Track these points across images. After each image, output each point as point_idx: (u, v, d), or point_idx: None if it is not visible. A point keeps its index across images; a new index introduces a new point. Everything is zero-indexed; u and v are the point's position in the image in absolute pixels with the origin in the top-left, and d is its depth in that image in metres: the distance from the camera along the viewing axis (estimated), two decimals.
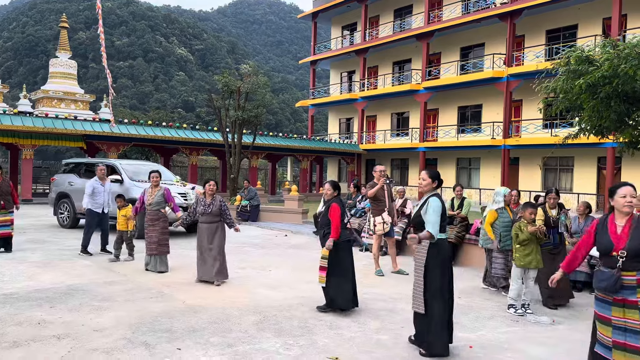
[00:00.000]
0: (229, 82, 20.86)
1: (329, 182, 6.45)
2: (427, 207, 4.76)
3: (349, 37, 34.94)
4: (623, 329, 3.52)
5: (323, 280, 6.11)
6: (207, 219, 7.50)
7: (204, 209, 7.50)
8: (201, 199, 7.57)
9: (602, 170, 22.82)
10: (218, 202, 7.58)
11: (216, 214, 7.54)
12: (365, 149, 30.97)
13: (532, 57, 24.17)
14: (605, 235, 3.64)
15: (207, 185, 7.60)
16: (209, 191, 7.57)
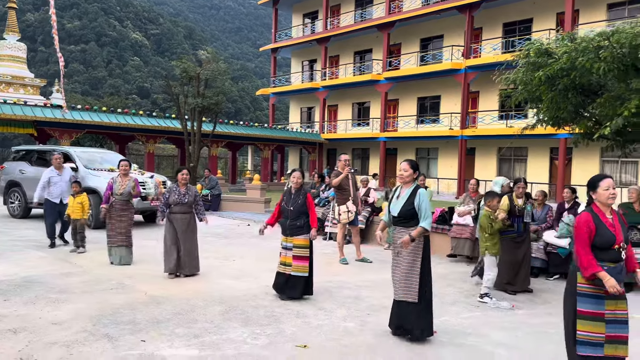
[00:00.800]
0: (187, 68, 20.39)
1: (298, 170, 6.40)
2: (419, 201, 4.79)
3: (311, 26, 34.77)
4: (614, 321, 3.50)
5: (306, 270, 6.08)
6: (180, 209, 7.17)
7: (179, 199, 7.14)
8: (174, 188, 7.25)
9: (554, 160, 23.66)
10: (193, 192, 7.32)
11: (190, 205, 7.26)
12: (326, 139, 31.01)
13: (490, 49, 24.72)
14: (606, 229, 3.50)
15: (180, 174, 7.27)
16: (182, 180, 7.24)
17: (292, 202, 6.20)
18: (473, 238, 8.83)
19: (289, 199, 6.24)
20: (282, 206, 6.25)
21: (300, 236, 6.12)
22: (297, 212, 6.14)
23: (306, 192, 6.31)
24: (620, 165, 21.76)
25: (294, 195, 6.27)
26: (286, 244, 6.17)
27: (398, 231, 4.91)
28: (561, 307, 6.14)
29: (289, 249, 6.13)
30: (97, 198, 11.54)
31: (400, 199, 4.91)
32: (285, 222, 6.18)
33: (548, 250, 7.85)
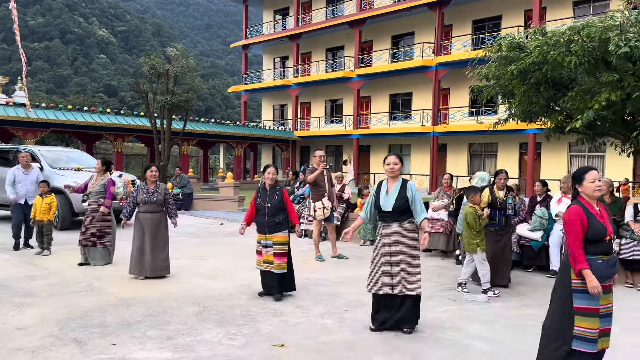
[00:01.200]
0: (156, 64, 19.96)
1: (272, 166, 6.28)
2: (412, 193, 4.83)
3: (282, 22, 34.55)
4: (605, 315, 3.45)
5: (285, 267, 5.99)
6: (149, 209, 6.88)
7: (147, 198, 6.86)
8: (143, 186, 6.98)
9: (524, 155, 24.09)
10: (162, 190, 7.05)
11: (160, 203, 6.98)
12: (300, 136, 30.87)
13: (460, 46, 24.99)
14: (597, 222, 3.42)
15: (149, 171, 6.99)
16: (151, 178, 6.96)
17: (269, 199, 6.05)
18: (447, 232, 8.87)
19: (265, 196, 6.09)
20: (258, 203, 6.07)
21: (279, 233, 6.01)
22: (275, 209, 6.01)
23: (282, 188, 6.22)
24: (587, 159, 22.29)
25: (269, 192, 6.12)
26: (266, 241, 6.02)
27: (391, 226, 4.84)
28: (537, 299, 6.27)
29: (269, 247, 5.99)
30: (63, 198, 11.19)
31: (390, 194, 4.85)
32: (263, 219, 6.01)
33: (521, 243, 7.92)
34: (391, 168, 4.91)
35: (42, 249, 8.57)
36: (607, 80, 6.14)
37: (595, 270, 3.41)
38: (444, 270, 7.90)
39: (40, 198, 8.60)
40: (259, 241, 6.10)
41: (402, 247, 4.83)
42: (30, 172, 9.17)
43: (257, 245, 6.12)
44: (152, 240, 6.89)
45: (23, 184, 8.97)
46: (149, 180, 6.99)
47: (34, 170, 9.31)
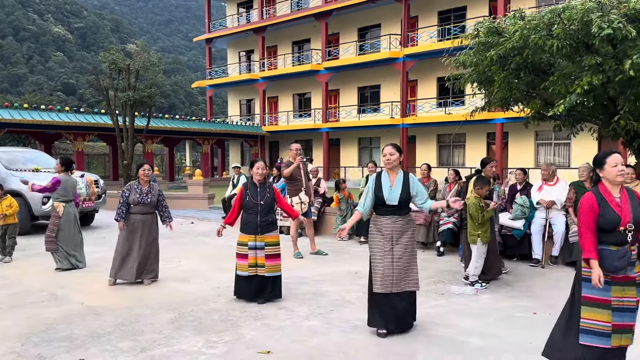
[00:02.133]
0: (116, 59, 19.18)
1: (261, 160, 5.89)
2: (415, 185, 4.71)
3: (246, 15, 33.90)
4: (621, 309, 3.22)
5: (279, 269, 5.64)
6: (141, 210, 6.40)
7: (140, 199, 6.37)
8: (135, 186, 6.46)
9: (491, 145, 24.30)
10: (156, 191, 6.56)
11: (153, 205, 6.50)
12: (268, 131, 30.39)
13: (427, 37, 24.96)
14: (610, 210, 3.21)
15: (142, 170, 6.46)
16: (144, 177, 6.45)
17: (261, 196, 5.62)
18: (427, 224, 8.70)
19: (256, 193, 5.64)
20: (248, 201, 5.61)
21: (272, 233, 5.64)
22: (268, 207, 5.64)
23: (272, 185, 5.85)
24: (554, 147, 22.64)
25: (259, 188, 5.69)
26: (256, 243, 5.56)
27: (394, 220, 4.59)
28: (524, 290, 6.14)
29: (259, 249, 5.56)
30: (21, 201, 10.51)
31: (395, 187, 4.60)
32: (255, 218, 5.57)
33: (503, 232, 7.80)
34: (387, 159, 4.66)
35: (3, 254, 7.99)
36: (589, 63, 6.03)
37: (605, 260, 3.21)
38: (426, 263, 7.70)
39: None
40: (243, 243, 5.61)
41: (404, 241, 4.61)
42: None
43: (240, 247, 5.63)
44: (144, 243, 6.44)
45: None
46: (142, 180, 6.47)
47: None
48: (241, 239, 5.65)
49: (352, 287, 6.32)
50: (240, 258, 5.63)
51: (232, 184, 12.69)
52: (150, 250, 6.53)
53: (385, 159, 4.69)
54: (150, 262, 6.55)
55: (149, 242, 6.50)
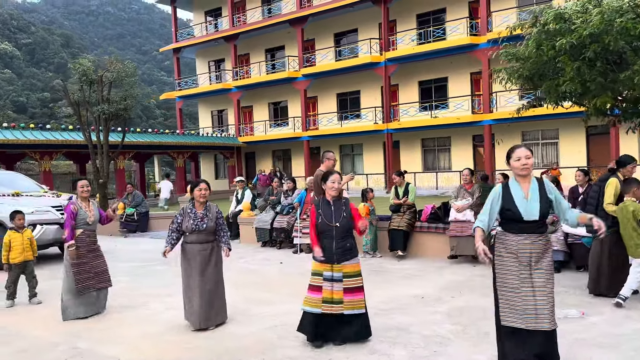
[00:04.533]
0: (87, 70, 17.70)
1: (337, 173, 4.81)
2: (553, 192, 3.86)
3: (214, 23, 32.66)
4: None
5: (363, 305, 4.61)
6: (199, 239, 5.27)
7: (195, 225, 5.23)
8: (189, 209, 5.32)
9: (478, 147, 23.95)
10: (214, 213, 5.40)
11: (212, 231, 5.35)
12: (245, 142, 29.16)
13: (408, 40, 24.45)
14: None
15: (197, 189, 5.29)
16: (200, 198, 5.29)
17: (336, 217, 4.59)
18: None
19: (329, 213, 4.61)
20: (321, 224, 4.58)
21: (351, 261, 4.59)
22: (345, 230, 4.59)
23: (348, 201, 4.77)
24: (541, 147, 22.45)
25: (334, 206, 4.65)
26: (332, 273, 4.54)
27: (534, 240, 3.69)
28: (634, 308, 5.36)
29: (337, 281, 4.53)
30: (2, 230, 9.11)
31: (531, 198, 3.71)
32: (330, 244, 4.56)
33: (570, 241, 7.06)
34: (523, 164, 3.78)
35: (32, 295, 6.77)
36: None
37: None
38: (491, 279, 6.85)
39: (17, 233, 6.67)
40: (318, 273, 4.59)
41: (544, 266, 3.70)
42: None
43: (314, 278, 4.61)
44: (205, 279, 5.27)
45: None
46: (197, 202, 5.32)
47: None
48: (316, 268, 4.61)
49: (432, 317, 5.40)
50: (313, 290, 4.59)
51: (236, 199, 11.59)
52: (217, 288, 5.38)
53: (520, 164, 3.82)
54: (218, 303, 5.39)
55: (211, 276, 5.34)
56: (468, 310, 5.54)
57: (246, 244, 11.00)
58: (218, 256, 5.43)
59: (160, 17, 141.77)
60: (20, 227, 6.69)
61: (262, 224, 10.44)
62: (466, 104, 23.36)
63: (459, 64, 23.48)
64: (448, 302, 5.91)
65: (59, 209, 9.76)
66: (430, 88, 25.12)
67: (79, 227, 5.85)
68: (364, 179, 25.75)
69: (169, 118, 77.03)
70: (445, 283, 6.89)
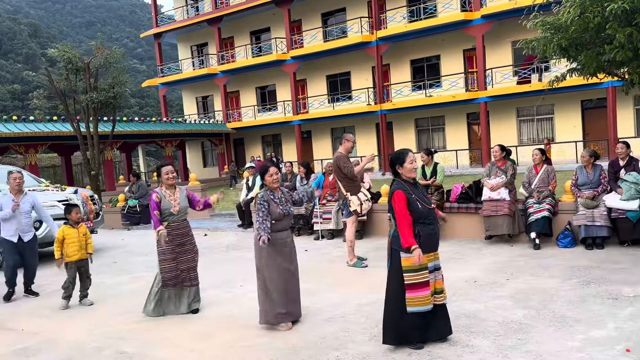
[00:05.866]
0: (72, 57, 16.92)
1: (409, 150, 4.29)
2: None
3: (196, 7, 31.69)
4: None
5: None
6: (284, 225, 4.87)
7: (283, 210, 4.79)
8: (271, 194, 4.83)
9: (472, 125, 23.83)
10: (288, 194, 5.04)
11: (292, 216, 5.09)
12: (234, 128, 28.53)
13: (400, 18, 24.02)
14: None
15: (268, 175, 4.82)
16: (273, 183, 4.83)
17: (426, 197, 4.18)
18: (511, 214, 7.61)
19: (421, 195, 4.12)
20: (422, 209, 4.01)
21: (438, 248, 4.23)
22: (434, 214, 4.21)
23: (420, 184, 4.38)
24: (536, 122, 22.41)
25: (420, 188, 4.23)
26: (435, 262, 4.10)
27: None
28: None
29: (437, 270, 4.12)
30: None
31: None
32: (434, 230, 4.07)
33: (613, 216, 6.86)
34: None
35: (84, 295, 6.24)
36: None
37: None
38: (541, 259, 6.65)
39: (73, 229, 6.12)
40: (423, 267, 4.00)
41: None
42: (22, 201, 6.70)
43: (419, 274, 3.97)
44: (290, 269, 4.88)
45: (14, 214, 6.58)
46: (270, 186, 4.87)
47: (27, 196, 6.81)
48: (420, 260, 3.94)
49: (498, 302, 5.13)
50: (420, 289, 3.98)
51: (247, 186, 11.14)
52: (298, 279, 5.01)
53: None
54: (299, 295, 5.02)
55: (296, 265, 5.00)
56: (532, 292, 5.29)
57: None
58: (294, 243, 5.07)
59: (130, 3, 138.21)
60: (77, 222, 6.16)
61: None
62: (461, 81, 23.15)
63: (452, 41, 23.21)
64: (505, 285, 5.66)
65: (65, 203, 9.20)
66: (423, 67, 24.84)
67: (163, 219, 5.33)
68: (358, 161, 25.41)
69: (144, 107, 75.43)
70: (488, 265, 6.64)
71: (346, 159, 7.25)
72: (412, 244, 3.89)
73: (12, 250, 6.58)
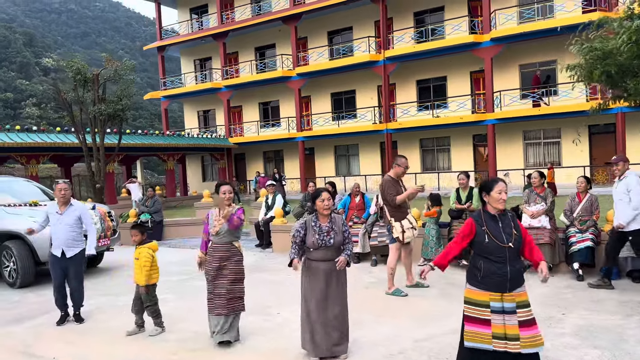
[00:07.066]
0: (82, 68, 16.64)
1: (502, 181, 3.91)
2: None
3: (200, 21, 31.61)
4: None
5: (542, 341, 3.73)
6: (325, 255, 4.58)
7: (321, 240, 4.55)
8: (313, 222, 4.62)
9: (478, 147, 23.77)
10: (340, 225, 4.68)
11: (338, 246, 4.64)
12: (236, 143, 28.27)
13: (408, 38, 24.07)
14: None
15: (319, 200, 4.60)
16: (324, 210, 4.60)
17: (507, 235, 3.81)
18: (552, 242, 7.40)
19: (497, 229, 3.80)
20: (489, 243, 3.75)
21: (523, 287, 3.83)
22: (517, 250, 3.83)
23: (515, 216, 3.98)
24: (543, 147, 22.40)
25: (501, 221, 3.85)
26: (503, 304, 3.74)
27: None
28: None
29: (509, 313, 3.74)
30: (21, 244, 8.20)
31: None
32: (502, 269, 3.74)
33: None
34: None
35: (158, 325, 5.72)
36: None
37: None
38: (586, 293, 6.42)
39: (139, 249, 5.71)
40: (482, 303, 3.80)
41: None
42: (66, 212, 6.25)
43: (476, 309, 3.82)
44: (332, 301, 4.57)
45: (57, 228, 6.13)
46: (321, 213, 4.63)
47: (71, 208, 6.30)
48: (477, 297, 3.82)
49: (564, 340, 4.88)
50: (477, 324, 3.77)
51: (266, 205, 10.84)
52: (343, 312, 4.68)
53: None
54: (343, 330, 4.69)
55: (338, 297, 4.65)
56: (595, 330, 5.05)
57: (280, 253, 10.30)
58: (344, 274, 4.73)
59: (126, 15, 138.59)
60: (140, 242, 5.78)
61: None
62: (468, 103, 23.15)
63: (458, 63, 23.26)
64: (563, 321, 5.42)
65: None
66: (429, 87, 24.84)
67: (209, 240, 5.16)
68: (362, 180, 25.26)
69: (137, 119, 75.02)
70: (537, 297, 6.37)
71: (392, 185, 7.02)
72: (435, 262, 3.96)
73: (55, 266, 6.12)
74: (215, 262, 5.13)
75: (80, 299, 6.28)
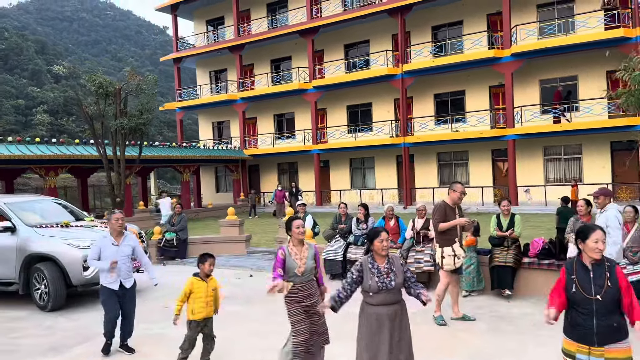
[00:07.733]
0: (104, 82, 16.62)
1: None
2: None
3: (217, 33, 31.69)
4: None
5: None
6: (385, 299, 4.13)
7: (382, 283, 4.09)
8: (369, 264, 4.16)
9: (497, 162, 23.54)
10: (398, 265, 4.22)
11: (399, 288, 4.21)
12: (251, 155, 28.20)
13: (427, 53, 23.96)
14: None
15: (377, 240, 4.18)
16: (381, 250, 4.16)
17: (597, 286, 3.54)
18: None
19: (587, 280, 3.56)
20: (576, 293, 3.56)
21: (619, 344, 3.56)
22: (611, 304, 3.52)
23: (614, 266, 3.65)
24: (564, 162, 22.14)
25: (594, 272, 3.57)
26: (590, 357, 3.56)
27: None
28: None
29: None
30: (52, 266, 8.05)
31: None
32: (588, 322, 3.55)
33: None
34: None
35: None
36: None
37: None
38: None
39: (202, 282, 5.30)
40: (570, 354, 3.64)
41: None
42: (123, 243, 6.08)
43: (565, 359, 3.68)
44: (390, 352, 4.12)
45: (114, 259, 5.92)
46: (376, 254, 4.20)
47: (127, 239, 6.14)
48: (566, 346, 3.69)
49: None
50: None
51: None
52: (406, 355, 4.27)
53: None
54: None
55: (402, 342, 4.21)
56: None
57: None
58: (407, 317, 4.33)
59: (136, 23, 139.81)
60: (209, 274, 5.35)
61: (334, 255, 9.58)
62: (488, 118, 22.97)
63: (477, 77, 23.12)
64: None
65: None
66: (446, 101, 24.70)
67: (289, 279, 4.76)
68: (378, 194, 25.08)
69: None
70: None
71: (441, 211, 6.81)
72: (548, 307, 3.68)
73: (112, 299, 5.92)
74: (306, 300, 4.86)
75: (132, 329, 6.16)
